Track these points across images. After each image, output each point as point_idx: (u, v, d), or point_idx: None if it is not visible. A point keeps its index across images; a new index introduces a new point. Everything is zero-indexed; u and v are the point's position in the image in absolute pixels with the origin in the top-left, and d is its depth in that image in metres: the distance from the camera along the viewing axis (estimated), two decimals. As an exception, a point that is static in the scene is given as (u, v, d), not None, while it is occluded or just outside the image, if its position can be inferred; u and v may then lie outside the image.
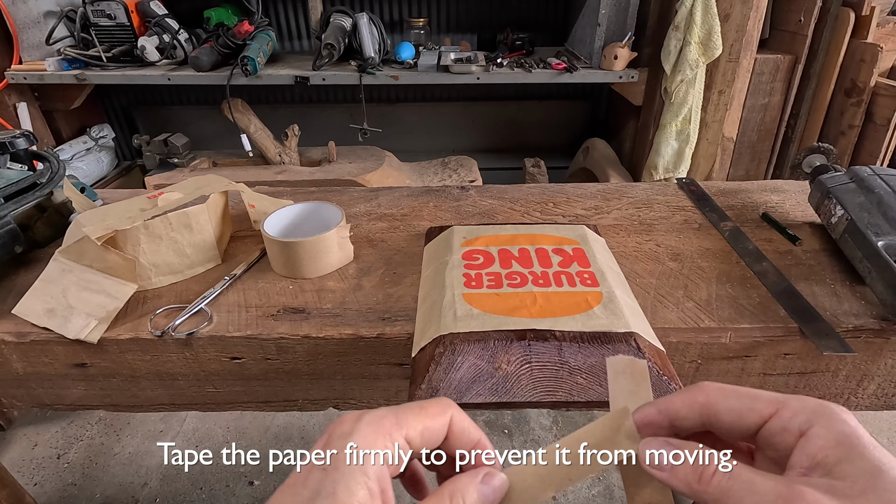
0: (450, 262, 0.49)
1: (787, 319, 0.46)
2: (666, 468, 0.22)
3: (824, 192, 0.57)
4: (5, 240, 0.51)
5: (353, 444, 0.21)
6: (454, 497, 0.22)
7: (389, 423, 0.22)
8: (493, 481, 0.23)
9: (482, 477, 0.23)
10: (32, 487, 1.08)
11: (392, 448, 0.21)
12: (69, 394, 0.50)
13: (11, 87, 1.38)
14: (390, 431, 0.21)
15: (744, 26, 1.23)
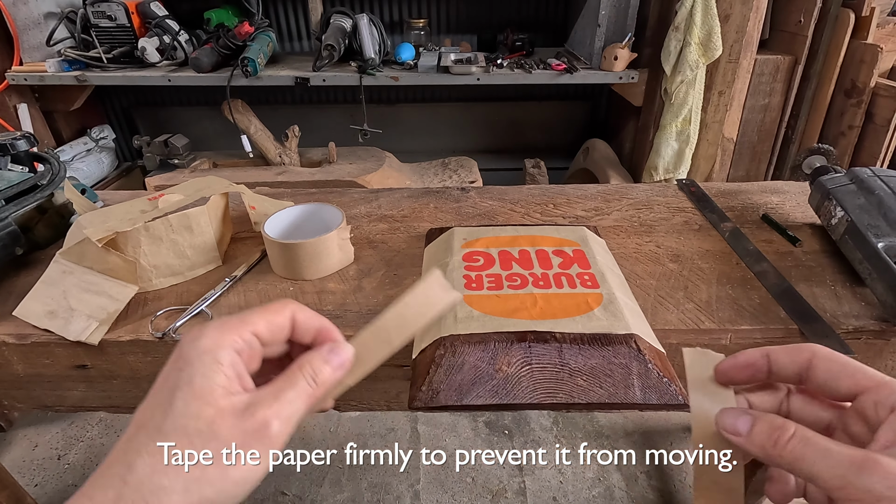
0: (450, 263, 0.50)
1: (788, 321, 0.46)
2: (743, 431, 0.23)
3: (824, 193, 0.57)
4: (6, 241, 0.51)
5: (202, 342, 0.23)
6: (303, 368, 0.25)
7: (234, 322, 0.24)
8: (340, 350, 0.26)
9: (329, 348, 0.26)
10: (33, 488, 1.08)
11: (239, 341, 0.23)
12: (70, 395, 0.50)
13: (12, 88, 1.38)
14: (236, 328, 0.24)
15: (744, 27, 1.23)
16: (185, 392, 0.22)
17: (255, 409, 0.22)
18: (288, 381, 0.24)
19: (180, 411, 0.22)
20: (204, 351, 0.23)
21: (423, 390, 0.38)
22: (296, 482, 1.10)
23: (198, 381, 0.22)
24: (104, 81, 1.38)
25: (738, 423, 0.24)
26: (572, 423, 1.24)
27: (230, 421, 0.22)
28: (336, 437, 1.22)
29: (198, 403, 0.22)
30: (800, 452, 0.21)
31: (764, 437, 0.23)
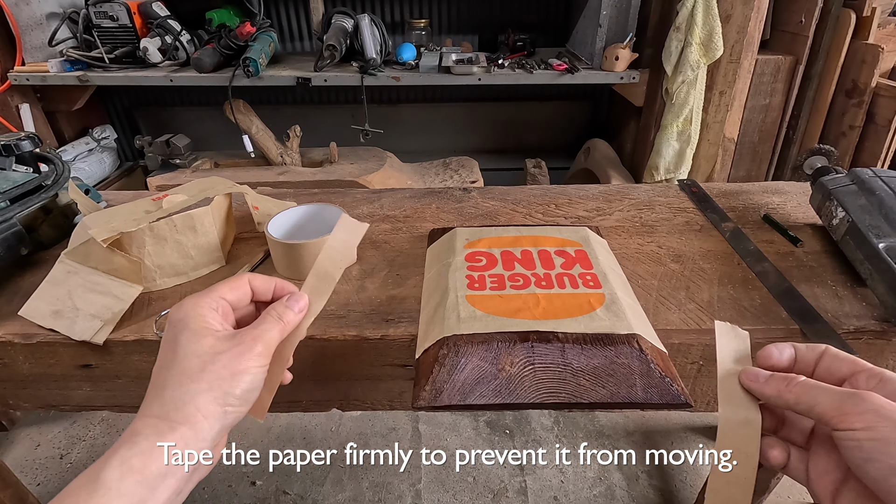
0: (453, 263, 0.50)
1: (789, 321, 0.46)
2: (761, 380, 0.30)
3: (825, 193, 0.57)
4: (11, 242, 0.52)
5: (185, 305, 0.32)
6: (270, 312, 0.34)
7: (204, 291, 0.33)
8: (298, 297, 0.35)
9: (288, 296, 0.35)
10: (35, 487, 1.09)
11: (213, 302, 0.32)
12: (75, 395, 0.50)
13: (14, 89, 1.39)
14: (207, 294, 0.33)
15: (745, 27, 1.23)
16: (186, 335, 0.30)
17: (242, 335, 0.31)
18: (261, 320, 0.33)
19: (186, 347, 0.30)
20: (189, 309, 0.31)
21: (426, 390, 0.39)
22: (297, 481, 1.10)
23: (192, 324, 0.31)
24: (106, 82, 1.38)
25: (759, 374, 0.30)
26: (573, 422, 1.25)
27: (225, 344, 0.31)
28: (337, 436, 1.22)
29: (197, 337, 0.30)
30: (804, 390, 0.28)
31: (777, 381, 0.29)
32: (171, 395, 0.29)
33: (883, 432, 0.24)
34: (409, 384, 0.49)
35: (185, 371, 0.29)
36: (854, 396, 0.26)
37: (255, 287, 0.35)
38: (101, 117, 1.75)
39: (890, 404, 0.25)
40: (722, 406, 0.31)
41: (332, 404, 0.52)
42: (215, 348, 0.30)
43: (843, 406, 0.26)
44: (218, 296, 0.33)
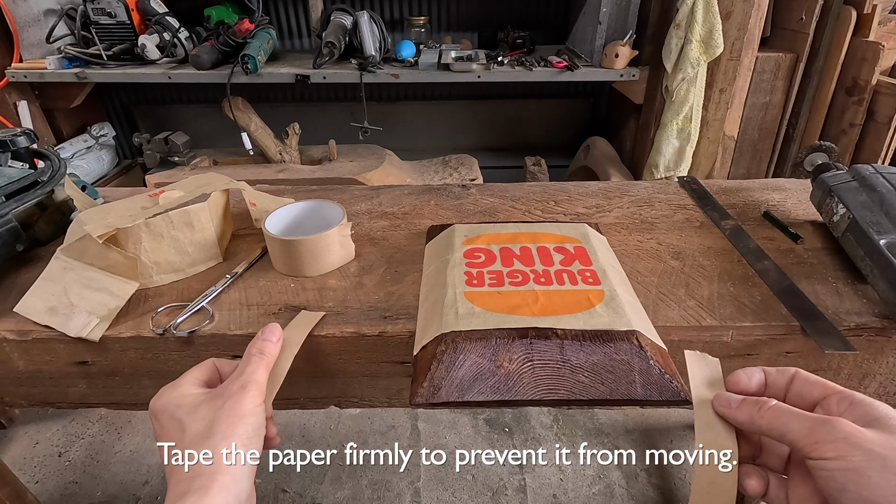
0: (451, 260, 0.49)
1: (789, 318, 0.46)
2: (734, 405, 0.30)
3: (826, 190, 0.57)
4: (6, 238, 0.51)
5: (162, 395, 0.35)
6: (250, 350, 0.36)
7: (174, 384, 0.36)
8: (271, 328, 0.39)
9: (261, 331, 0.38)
10: (34, 485, 1.08)
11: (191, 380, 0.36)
12: (71, 392, 0.50)
13: (12, 86, 1.38)
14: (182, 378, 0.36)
15: (745, 24, 1.22)
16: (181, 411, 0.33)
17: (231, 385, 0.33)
18: (244, 363, 0.35)
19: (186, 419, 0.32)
20: (170, 390, 0.34)
21: (424, 386, 0.38)
22: (296, 479, 1.10)
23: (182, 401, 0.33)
24: (104, 79, 1.37)
25: (731, 400, 0.30)
26: (572, 420, 1.24)
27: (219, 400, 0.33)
28: (336, 434, 1.22)
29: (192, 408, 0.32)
30: (776, 415, 0.28)
31: (750, 405, 0.29)
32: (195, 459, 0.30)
33: (855, 461, 0.24)
34: (407, 381, 0.49)
35: (196, 436, 0.31)
36: (826, 424, 0.26)
37: (220, 367, 0.38)
38: (100, 115, 1.75)
39: (860, 432, 0.25)
40: (698, 434, 0.31)
41: (330, 402, 0.51)
42: (213, 406, 0.32)
43: (814, 434, 0.26)
44: (191, 377, 0.35)
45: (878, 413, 0.27)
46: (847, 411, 0.27)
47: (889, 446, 0.24)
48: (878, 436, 0.25)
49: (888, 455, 0.24)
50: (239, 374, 0.33)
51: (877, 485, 0.23)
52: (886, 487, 0.23)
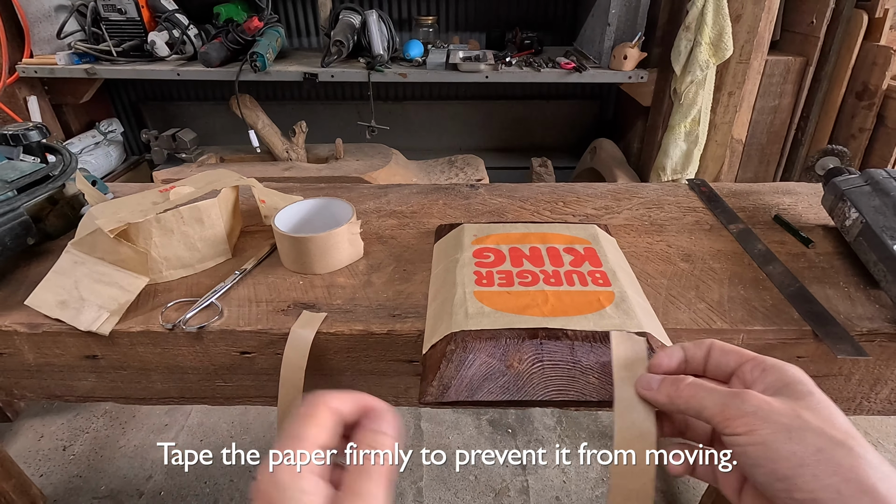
0: (460, 259, 0.49)
1: (801, 322, 0.45)
2: (654, 387, 0.30)
3: (838, 194, 0.56)
4: (18, 231, 0.52)
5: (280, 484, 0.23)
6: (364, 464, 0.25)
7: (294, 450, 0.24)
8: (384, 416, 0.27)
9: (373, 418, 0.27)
10: (38, 479, 1.09)
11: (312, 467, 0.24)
12: (80, 385, 0.50)
13: (22, 81, 1.39)
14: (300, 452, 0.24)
15: (755, 27, 1.22)
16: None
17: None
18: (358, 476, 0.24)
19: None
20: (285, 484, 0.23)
21: (433, 385, 0.38)
22: (299, 477, 1.10)
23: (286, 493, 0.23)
24: (113, 75, 1.38)
25: (651, 381, 0.30)
26: (576, 422, 1.24)
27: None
28: (340, 432, 1.22)
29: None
30: (692, 392, 0.28)
31: (668, 385, 0.29)
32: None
33: (762, 435, 0.24)
34: (414, 380, 0.49)
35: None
36: (736, 398, 0.26)
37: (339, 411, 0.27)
38: (108, 111, 1.76)
39: (768, 403, 0.25)
40: (617, 417, 0.31)
41: (337, 399, 0.51)
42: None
43: (726, 410, 0.26)
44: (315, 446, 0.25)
45: (788, 378, 0.26)
46: (759, 378, 0.27)
47: (794, 415, 0.24)
48: (784, 405, 0.25)
49: (793, 425, 0.24)
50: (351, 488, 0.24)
51: (784, 457, 0.23)
52: (792, 458, 0.23)
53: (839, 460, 0.22)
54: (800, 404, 0.25)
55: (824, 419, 0.24)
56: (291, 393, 0.45)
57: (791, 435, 0.23)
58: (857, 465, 0.22)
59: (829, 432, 0.23)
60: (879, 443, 1.17)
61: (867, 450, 0.23)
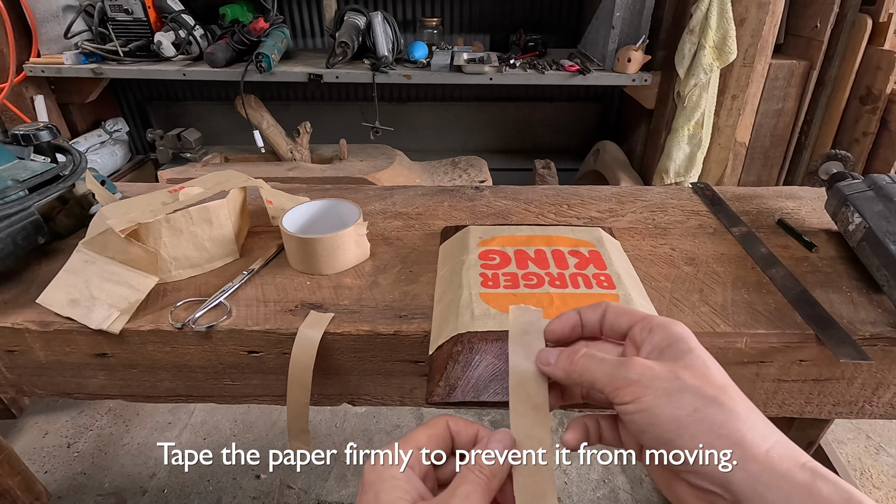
0: (466, 261, 0.50)
1: (804, 326, 0.46)
2: (552, 362, 0.30)
3: (842, 199, 0.57)
4: (29, 230, 0.52)
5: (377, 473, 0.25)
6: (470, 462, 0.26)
7: (401, 442, 0.27)
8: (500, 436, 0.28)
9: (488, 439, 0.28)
10: (42, 475, 1.10)
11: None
12: (89, 383, 0.51)
13: (29, 80, 1.40)
14: (403, 445, 0.26)
15: (759, 31, 1.22)
16: None
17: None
18: (459, 478, 0.26)
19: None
20: (382, 471, 0.25)
21: (440, 385, 0.39)
22: (302, 476, 1.11)
23: (382, 496, 0.24)
24: (120, 75, 1.39)
25: (550, 356, 0.31)
26: (577, 424, 1.24)
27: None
28: (342, 432, 1.22)
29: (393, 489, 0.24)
30: (585, 365, 0.28)
31: (564, 359, 0.29)
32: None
33: (646, 402, 0.25)
34: (420, 380, 0.49)
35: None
36: (622, 367, 0.26)
37: (455, 432, 0.29)
38: (114, 110, 1.77)
39: (651, 369, 0.25)
40: (511, 389, 0.31)
41: (343, 399, 0.52)
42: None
43: (614, 380, 0.26)
44: (417, 448, 0.27)
45: (671, 337, 0.27)
46: (648, 339, 0.28)
47: (673, 377, 0.25)
48: (665, 368, 0.26)
49: (672, 388, 0.24)
50: (450, 492, 0.25)
51: (665, 421, 0.24)
52: (673, 422, 0.24)
53: (713, 418, 0.23)
54: (679, 364, 0.26)
55: (700, 376, 0.25)
56: (299, 392, 0.46)
57: (670, 399, 0.24)
58: (728, 420, 0.23)
59: (703, 390, 0.24)
60: (882, 447, 1.17)
61: (737, 402, 0.24)
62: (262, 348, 0.47)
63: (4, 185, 0.53)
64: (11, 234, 0.50)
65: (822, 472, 0.22)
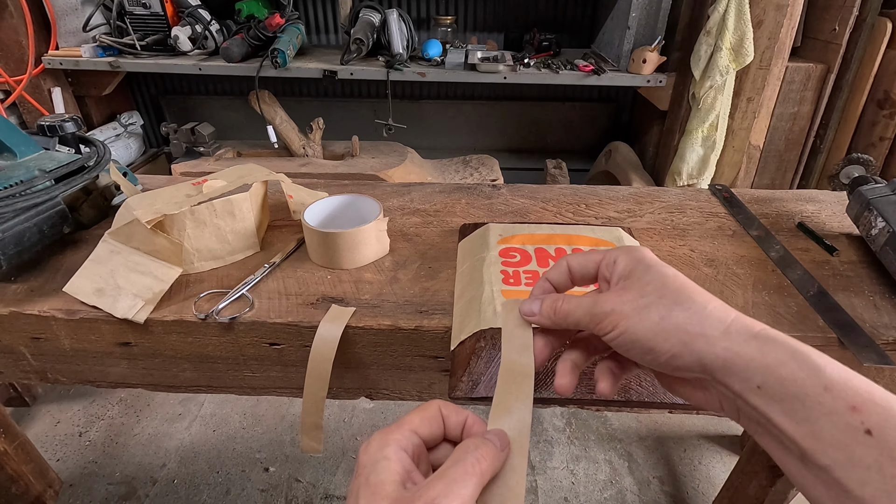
0: (487, 258, 0.50)
1: (826, 329, 0.46)
2: (536, 312, 0.33)
3: (864, 203, 0.56)
4: (55, 220, 0.53)
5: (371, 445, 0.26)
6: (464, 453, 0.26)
7: (394, 425, 0.27)
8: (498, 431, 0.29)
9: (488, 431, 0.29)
10: (55, 463, 1.11)
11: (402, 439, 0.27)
12: (112, 371, 0.51)
13: (47, 72, 1.41)
14: (396, 428, 0.27)
15: (776, 33, 1.21)
16: (364, 491, 0.25)
17: (424, 491, 0.24)
18: (452, 461, 0.26)
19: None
20: (375, 451, 0.26)
21: (463, 381, 0.39)
22: (310, 470, 1.11)
23: (372, 478, 0.25)
24: (136, 68, 1.40)
25: (533, 306, 0.33)
26: (585, 424, 1.24)
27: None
28: (350, 427, 1.23)
29: (375, 499, 0.24)
30: (568, 308, 0.31)
31: (548, 307, 0.32)
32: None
33: (623, 326, 0.28)
34: (439, 376, 0.49)
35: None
36: (597, 304, 0.30)
37: (446, 416, 0.29)
38: (129, 103, 1.78)
39: (620, 297, 0.29)
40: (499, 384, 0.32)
41: (361, 392, 0.52)
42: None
43: (593, 316, 0.30)
44: (409, 430, 0.27)
45: (631, 261, 0.31)
46: (614, 271, 0.31)
47: (638, 297, 0.29)
48: (630, 293, 0.29)
49: (638, 307, 0.28)
50: (441, 474, 0.25)
51: (641, 336, 0.28)
52: (647, 334, 0.28)
53: (676, 320, 0.27)
54: (640, 284, 0.29)
55: (659, 287, 0.28)
56: (317, 385, 0.46)
57: (640, 316, 0.28)
58: (689, 318, 0.27)
59: (664, 299, 0.28)
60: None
61: (694, 299, 0.28)
62: (284, 340, 0.48)
63: (31, 175, 0.54)
64: (38, 224, 0.51)
65: (769, 335, 0.26)
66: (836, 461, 0.22)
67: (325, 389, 0.46)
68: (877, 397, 0.22)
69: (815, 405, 0.23)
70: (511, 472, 0.27)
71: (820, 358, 0.24)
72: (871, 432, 0.22)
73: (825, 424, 0.23)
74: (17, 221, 0.49)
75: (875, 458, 0.21)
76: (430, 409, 0.29)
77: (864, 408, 0.22)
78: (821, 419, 0.23)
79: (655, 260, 0.30)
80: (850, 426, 0.22)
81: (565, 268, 0.34)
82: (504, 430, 0.29)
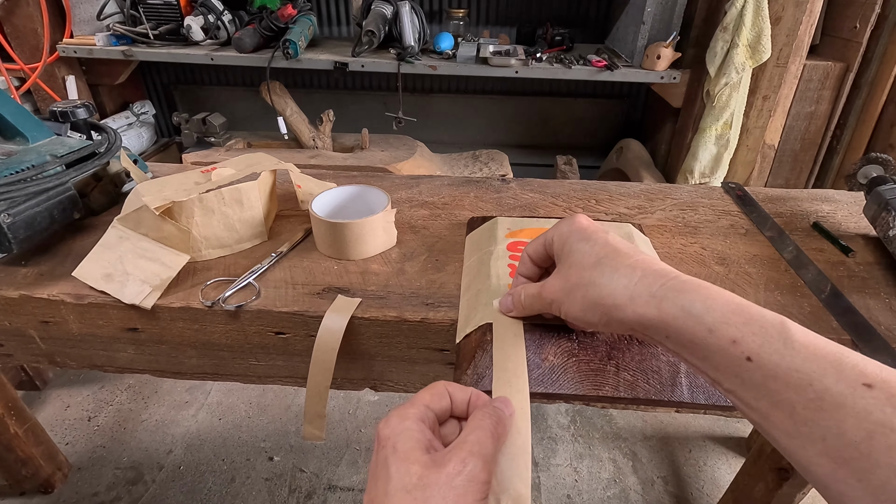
0: (494, 252, 0.50)
1: (840, 331, 0.45)
2: (510, 306, 0.40)
3: (882, 203, 0.55)
4: (66, 205, 0.53)
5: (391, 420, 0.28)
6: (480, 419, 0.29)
7: (407, 404, 0.30)
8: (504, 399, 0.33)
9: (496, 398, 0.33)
10: (64, 446, 1.13)
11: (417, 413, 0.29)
12: (119, 357, 0.52)
13: (62, 60, 1.43)
14: (410, 405, 0.29)
15: (795, 30, 1.19)
16: (394, 459, 0.26)
17: (452, 455, 0.27)
18: (470, 428, 0.29)
19: (396, 477, 0.26)
20: (396, 424, 0.28)
21: (468, 374, 0.39)
22: (314, 460, 1.12)
23: (399, 446, 0.27)
24: (149, 57, 1.41)
25: (507, 302, 0.41)
26: (589, 422, 1.24)
27: (434, 472, 0.26)
28: (354, 419, 1.23)
29: (406, 465, 0.26)
30: (526, 302, 0.39)
31: (516, 302, 0.39)
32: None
33: (564, 310, 0.35)
34: (444, 368, 0.49)
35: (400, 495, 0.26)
36: (540, 296, 0.36)
37: (452, 394, 0.31)
38: (141, 93, 1.79)
39: (553, 286, 0.35)
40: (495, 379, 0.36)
41: (366, 384, 0.52)
42: (424, 480, 0.26)
43: (543, 304, 0.36)
44: (423, 405, 0.29)
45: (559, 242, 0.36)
46: (555, 252, 0.36)
47: (564, 282, 0.34)
48: (558, 279, 0.35)
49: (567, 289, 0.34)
50: (463, 440, 0.27)
51: (577, 314, 0.34)
52: (580, 312, 0.33)
53: (592, 297, 0.32)
54: (565, 266, 0.35)
55: (577, 268, 0.34)
56: (321, 375, 0.46)
57: (570, 298, 0.34)
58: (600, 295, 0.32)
59: (581, 280, 0.33)
60: None
61: (603, 274, 0.32)
62: (289, 330, 0.48)
63: (43, 160, 0.54)
64: (48, 208, 0.52)
65: (665, 293, 0.30)
66: (735, 385, 0.27)
67: (329, 379, 0.46)
68: (754, 329, 0.27)
69: (705, 346, 0.28)
70: (517, 434, 0.31)
71: (703, 304, 0.28)
72: (750, 359, 0.26)
73: (717, 359, 0.27)
74: (29, 206, 0.49)
75: (760, 379, 0.26)
76: (438, 388, 0.31)
77: (742, 340, 0.26)
78: (713, 356, 0.28)
79: (580, 233, 0.35)
80: (734, 357, 0.26)
81: (527, 258, 0.39)
82: (507, 397, 0.33)
